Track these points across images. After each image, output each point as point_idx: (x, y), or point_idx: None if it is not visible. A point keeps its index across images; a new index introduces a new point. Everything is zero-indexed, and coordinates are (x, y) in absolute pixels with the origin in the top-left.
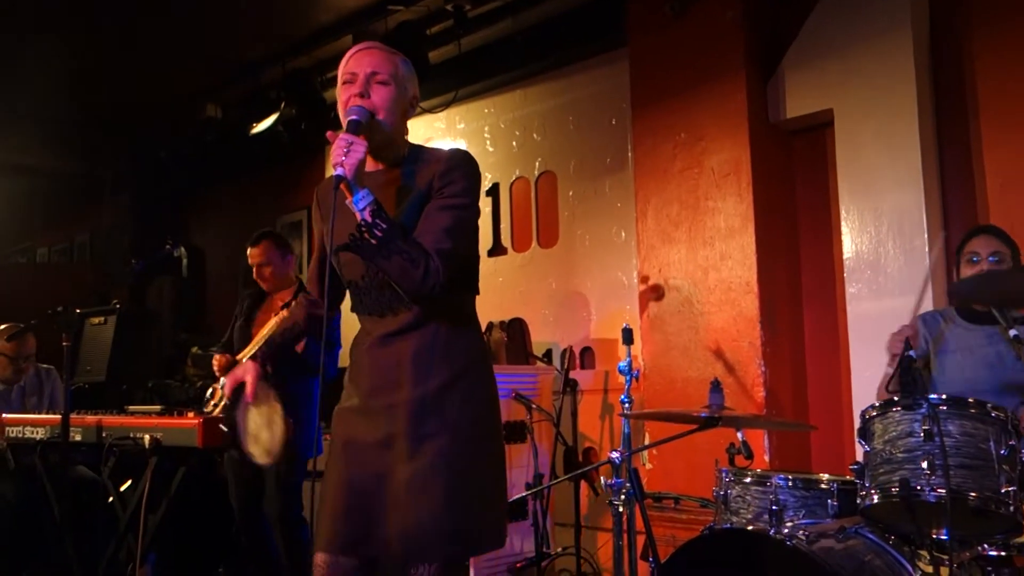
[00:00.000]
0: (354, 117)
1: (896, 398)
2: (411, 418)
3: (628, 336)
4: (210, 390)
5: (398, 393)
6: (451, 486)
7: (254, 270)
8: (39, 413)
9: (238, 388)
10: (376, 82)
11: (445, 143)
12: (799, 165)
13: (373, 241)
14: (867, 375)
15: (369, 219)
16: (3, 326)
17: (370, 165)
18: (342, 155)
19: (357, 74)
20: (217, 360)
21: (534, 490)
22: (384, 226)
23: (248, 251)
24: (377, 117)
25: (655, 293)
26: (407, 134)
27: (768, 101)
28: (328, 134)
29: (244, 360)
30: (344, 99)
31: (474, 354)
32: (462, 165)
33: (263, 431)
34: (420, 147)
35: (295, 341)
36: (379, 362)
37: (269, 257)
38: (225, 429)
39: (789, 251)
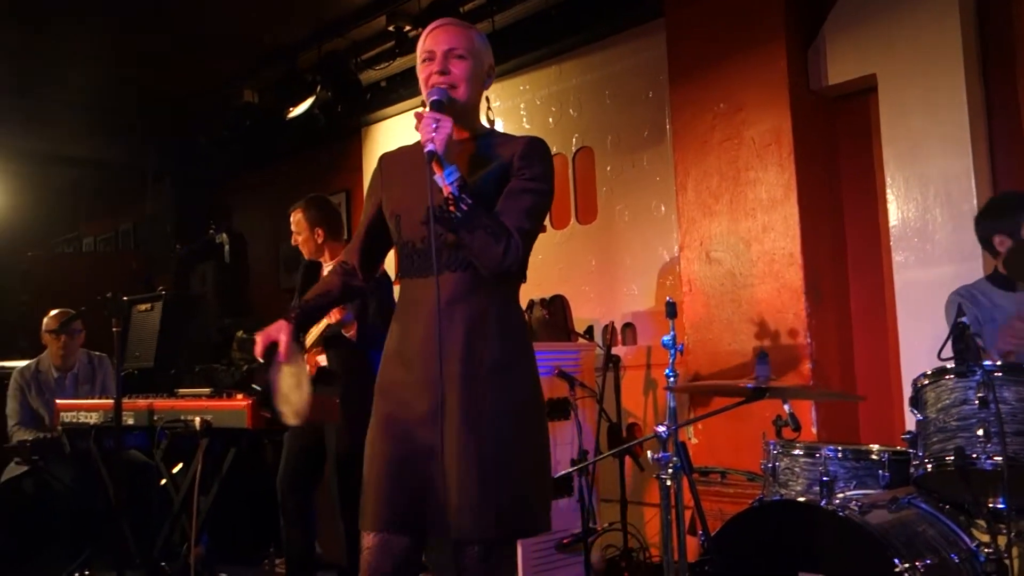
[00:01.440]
0: (436, 97)
1: (949, 365)
2: (465, 392)
3: (672, 310)
4: None
5: (451, 365)
6: (509, 466)
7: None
8: (92, 399)
9: (270, 347)
10: (454, 56)
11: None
12: (842, 133)
13: (459, 214)
14: (915, 344)
15: (457, 193)
16: (54, 312)
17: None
18: (431, 131)
19: (435, 51)
20: None
21: (579, 466)
22: (470, 200)
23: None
24: (456, 92)
25: (696, 266)
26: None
27: (809, 68)
28: (415, 114)
29: (280, 321)
30: (424, 76)
31: (526, 335)
32: (541, 149)
33: (293, 392)
34: (494, 129)
35: (328, 308)
36: (431, 331)
37: (298, 228)
38: (257, 388)
39: (833, 221)
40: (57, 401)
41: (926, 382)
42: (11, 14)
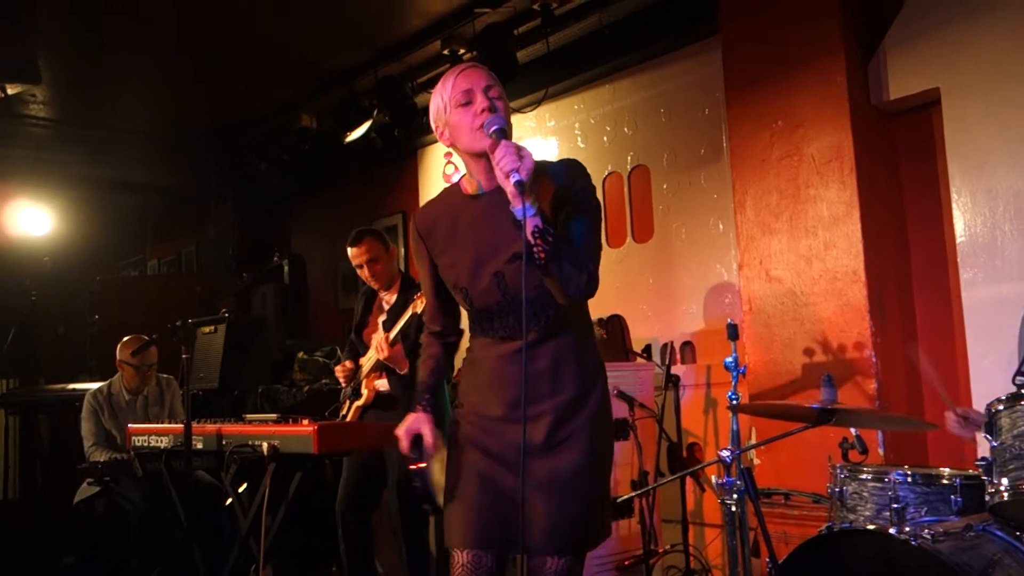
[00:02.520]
0: (499, 125)
1: None
2: (551, 424)
3: (733, 332)
4: (341, 395)
5: (541, 404)
6: (587, 484)
7: (365, 268)
8: (161, 422)
9: (416, 441)
10: (492, 97)
11: (535, 141)
12: (904, 148)
13: (547, 247)
14: (985, 364)
15: (542, 226)
16: (127, 338)
17: (488, 183)
18: (517, 161)
19: (473, 90)
20: (340, 370)
21: (643, 491)
22: (553, 230)
23: (350, 252)
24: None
25: (756, 285)
26: None
27: (869, 82)
28: (488, 145)
29: (415, 413)
30: (467, 120)
31: (599, 357)
32: (581, 169)
33: (441, 477)
34: None
35: (444, 377)
36: (517, 375)
37: (376, 252)
38: (417, 485)
39: (897, 237)
40: (129, 426)
41: (1000, 407)
42: (75, 46)
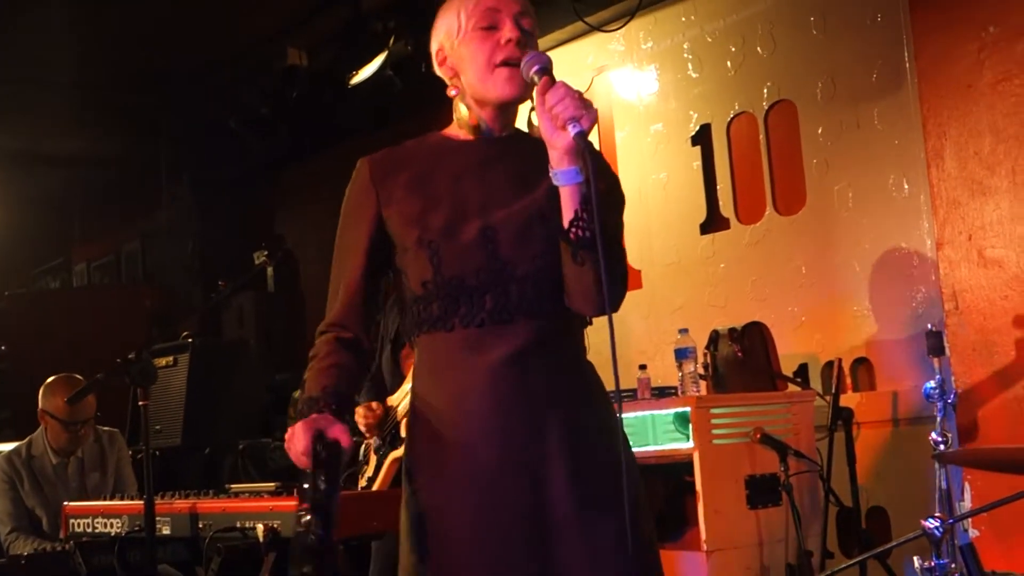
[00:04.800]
0: (543, 64)
1: None
2: (568, 467)
3: (937, 344)
4: (362, 449)
5: (545, 440)
6: (646, 532)
7: None
8: (105, 494)
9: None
10: (524, 28)
11: (626, 72)
12: None
13: (592, 225)
14: None
15: (584, 196)
16: (54, 379)
17: (491, 130)
18: (580, 107)
19: (502, 13)
20: (362, 414)
21: None
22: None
23: None
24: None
25: (964, 271)
26: None
27: None
28: (543, 81)
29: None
30: (485, 50)
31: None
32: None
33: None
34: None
35: (356, 389)
36: (508, 396)
37: None
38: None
39: None
40: (66, 505)
41: None
42: None
